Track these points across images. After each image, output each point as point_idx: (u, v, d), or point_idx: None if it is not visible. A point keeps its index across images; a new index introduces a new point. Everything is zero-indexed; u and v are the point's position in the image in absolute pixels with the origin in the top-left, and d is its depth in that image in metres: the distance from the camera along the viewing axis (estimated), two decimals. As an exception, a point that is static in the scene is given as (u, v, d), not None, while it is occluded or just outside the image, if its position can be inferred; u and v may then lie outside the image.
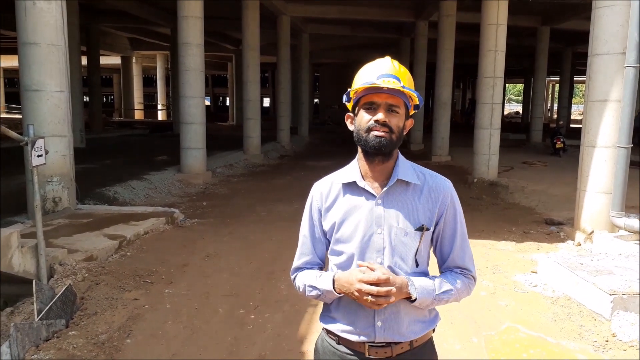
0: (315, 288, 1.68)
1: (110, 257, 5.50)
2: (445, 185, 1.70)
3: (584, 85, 7.44)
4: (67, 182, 6.82)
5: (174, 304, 4.40)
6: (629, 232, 5.97)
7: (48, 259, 4.71)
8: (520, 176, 11.87)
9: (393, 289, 1.53)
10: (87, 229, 6.12)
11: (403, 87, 1.59)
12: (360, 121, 1.64)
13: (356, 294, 1.54)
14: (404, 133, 1.66)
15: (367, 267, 1.58)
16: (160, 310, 4.26)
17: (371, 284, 1.52)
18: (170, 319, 4.10)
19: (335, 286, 1.62)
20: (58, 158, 6.61)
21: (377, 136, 1.59)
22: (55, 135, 6.52)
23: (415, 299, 1.60)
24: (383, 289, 1.51)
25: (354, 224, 1.66)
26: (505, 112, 45.67)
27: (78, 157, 7.82)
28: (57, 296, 3.92)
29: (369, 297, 1.52)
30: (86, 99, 22.88)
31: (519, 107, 55.48)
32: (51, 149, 5.96)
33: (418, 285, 1.60)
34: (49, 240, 5.28)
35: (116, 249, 5.72)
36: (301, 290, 1.74)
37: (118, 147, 16.37)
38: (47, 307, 3.76)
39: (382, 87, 1.57)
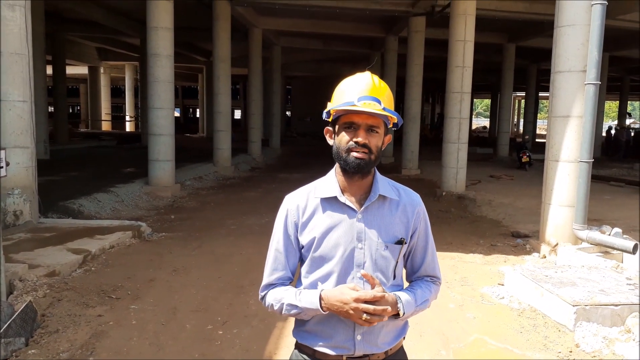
0: (295, 307, 1.63)
1: (73, 272, 5.34)
2: (418, 200, 1.76)
3: (548, 100, 7.66)
4: (29, 195, 6.62)
5: (139, 320, 4.29)
6: (591, 244, 6.14)
7: (7, 274, 4.54)
8: (487, 189, 12.11)
9: (389, 308, 1.56)
10: (49, 244, 5.94)
11: (384, 109, 1.59)
12: (340, 141, 1.64)
13: (351, 312, 1.53)
14: (383, 149, 1.67)
15: (369, 279, 1.57)
16: (126, 326, 4.15)
17: (367, 302, 1.52)
18: (136, 335, 4.00)
19: (322, 305, 1.58)
20: (20, 170, 6.43)
21: (357, 157, 1.60)
22: (17, 147, 6.36)
23: (401, 314, 1.61)
24: (379, 308, 1.53)
25: (335, 239, 1.65)
26: (473, 127, 46.60)
27: (42, 169, 7.61)
28: (16, 313, 3.79)
29: (365, 315, 1.51)
30: (51, 109, 22.33)
31: (486, 122, 56.75)
32: (12, 160, 5.80)
33: (404, 301, 1.63)
34: (8, 255, 5.10)
35: (80, 263, 5.56)
36: (276, 308, 1.68)
37: (84, 159, 16.01)
38: (6, 325, 3.62)
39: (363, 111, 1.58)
